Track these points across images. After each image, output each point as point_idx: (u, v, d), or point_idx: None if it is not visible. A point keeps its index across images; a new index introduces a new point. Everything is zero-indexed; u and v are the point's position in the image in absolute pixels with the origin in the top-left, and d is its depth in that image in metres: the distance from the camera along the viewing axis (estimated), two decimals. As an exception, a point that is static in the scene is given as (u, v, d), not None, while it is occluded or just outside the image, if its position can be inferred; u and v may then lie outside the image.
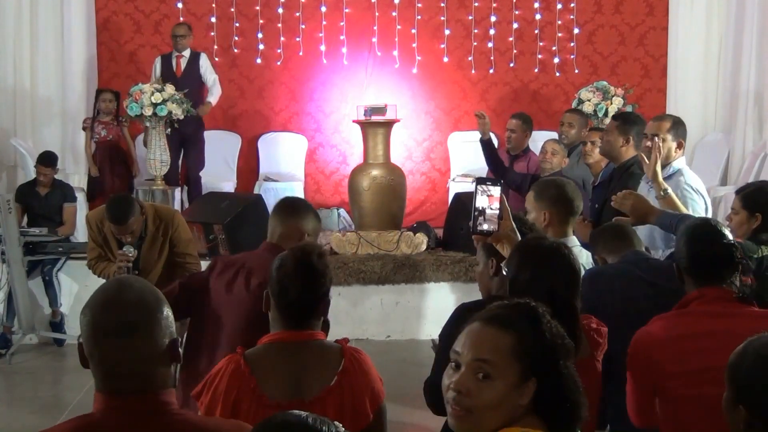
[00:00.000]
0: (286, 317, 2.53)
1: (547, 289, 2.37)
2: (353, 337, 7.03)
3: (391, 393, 2.77)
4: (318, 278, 2.53)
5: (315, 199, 9.45)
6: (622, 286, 3.19)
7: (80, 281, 7.14)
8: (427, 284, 7.10)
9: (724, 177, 9.02)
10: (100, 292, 1.85)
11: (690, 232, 2.78)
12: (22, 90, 8.89)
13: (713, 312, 2.63)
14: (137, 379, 1.79)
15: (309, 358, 2.49)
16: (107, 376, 1.80)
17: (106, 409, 1.79)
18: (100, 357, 1.80)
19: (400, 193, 7.71)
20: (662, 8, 9.57)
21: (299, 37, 9.45)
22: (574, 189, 3.53)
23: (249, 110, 9.58)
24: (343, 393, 2.44)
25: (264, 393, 2.37)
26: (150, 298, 1.82)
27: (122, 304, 1.79)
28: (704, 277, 2.68)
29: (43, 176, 7.43)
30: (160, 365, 1.81)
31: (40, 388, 6.16)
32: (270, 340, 2.54)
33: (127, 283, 1.86)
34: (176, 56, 8.51)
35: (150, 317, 1.80)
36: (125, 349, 1.77)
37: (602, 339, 2.55)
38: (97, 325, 1.79)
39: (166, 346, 1.81)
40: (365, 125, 7.72)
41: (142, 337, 1.78)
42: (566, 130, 6.72)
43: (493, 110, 9.40)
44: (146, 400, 1.79)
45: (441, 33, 9.54)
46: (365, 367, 2.52)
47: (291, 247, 2.64)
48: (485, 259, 2.80)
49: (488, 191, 2.69)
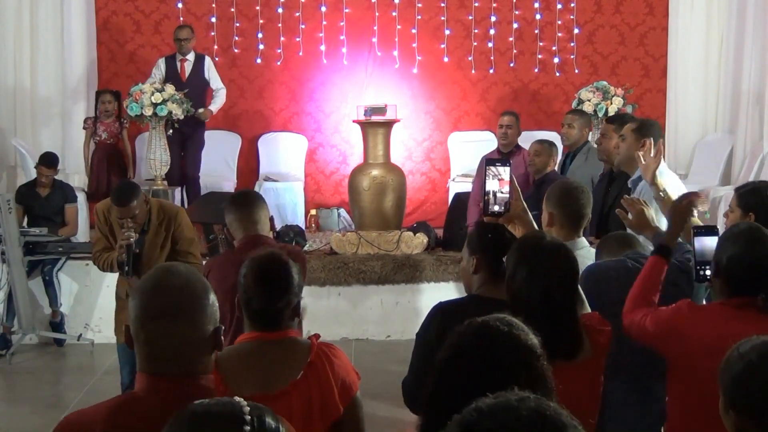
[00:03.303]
0: (252, 322, 2.55)
1: (543, 288, 2.36)
2: (353, 337, 7.06)
3: (391, 393, 2.77)
4: (280, 288, 2.52)
5: (315, 199, 9.46)
6: (618, 276, 3.16)
7: (80, 281, 7.16)
8: (427, 284, 7.10)
9: (724, 177, 9.01)
10: (150, 276, 1.91)
11: (736, 236, 2.67)
12: (22, 90, 8.89)
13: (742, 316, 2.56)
14: (180, 362, 1.83)
15: (278, 354, 2.50)
16: (151, 358, 1.85)
17: (148, 389, 1.84)
18: (146, 339, 1.84)
19: (400, 193, 7.72)
20: (662, 8, 9.56)
21: (299, 37, 9.45)
22: (582, 194, 3.49)
23: (249, 110, 9.58)
24: (310, 386, 2.44)
25: (229, 389, 2.37)
26: (197, 285, 1.88)
27: (170, 288, 1.85)
28: (737, 286, 2.60)
29: (44, 177, 7.42)
30: (202, 351, 1.86)
31: (40, 388, 6.15)
32: (241, 340, 2.57)
33: (175, 269, 1.91)
34: (180, 60, 8.47)
35: (196, 302, 1.85)
36: (170, 332, 1.82)
37: (604, 339, 2.52)
38: (145, 308, 1.85)
39: (210, 333, 1.86)
40: (365, 125, 7.73)
41: (187, 321, 1.83)
42: (567, 131, 6.70)
43: (493, 110, 9.40)
44: (188, 384, 1.83)
45: (441, 33, 9.54)
46: (335, 360, 2.51)
47: (253, 256, 2.62)
48: (468, 255, 2.78)
49: (498, 174, 2.72)
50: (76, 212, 7.67)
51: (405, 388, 2.74)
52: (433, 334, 2.62)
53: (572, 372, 2.39)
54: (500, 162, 2.74)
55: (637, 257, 3.25)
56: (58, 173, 7.65)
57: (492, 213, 2.69)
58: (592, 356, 2.46)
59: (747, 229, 2.71)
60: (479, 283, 2.74)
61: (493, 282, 2.71)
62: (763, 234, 2.64)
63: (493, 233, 2.75)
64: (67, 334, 7.03)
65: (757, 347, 1.86)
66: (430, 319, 2.72)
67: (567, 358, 2.37)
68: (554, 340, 2.37)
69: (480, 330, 1.78)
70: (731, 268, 2.59)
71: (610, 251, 3.44)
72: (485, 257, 2.72)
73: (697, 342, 2.56)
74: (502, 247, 2.68)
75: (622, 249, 3.39)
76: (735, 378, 1.84)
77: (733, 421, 1.84)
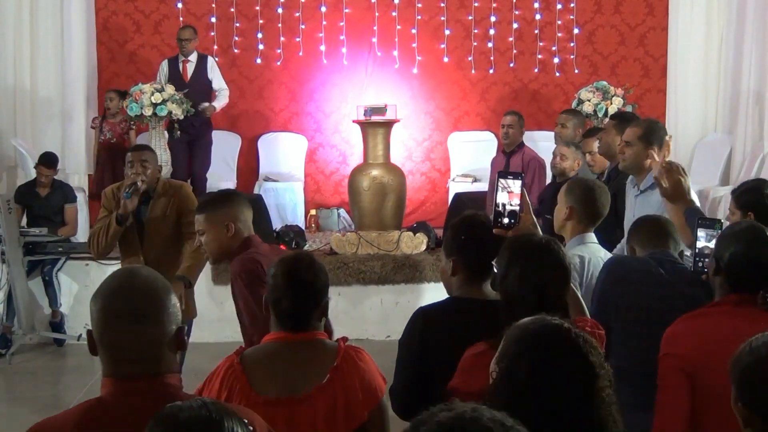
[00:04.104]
0: (282, 322, 2.56)
1: (536, 286, 2.36)
2: (353, 337, 7.02)
3: (390, 393, 2.76)
4: (309, 290, 2.55)
5: (315, 199, 9.46)
6: (638, 279, 3.14)
7: (80, 281, 7.16)
8: (427, 284, 7.10)
9: (724, 177, 9.01)
10: (111, 279, 1.91)
11: (737, 234, 2.66)
12: (22, 90, 8.89)
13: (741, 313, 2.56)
14: (145, 363, 1.85)
15: (304, 356, 2.50)
16: (116, 361, 1.86)
17: (115, 392, 1.85)
18: (110, 342, 1.85)
19: (400, 193, 7.72)
20: (662, 8, 9.57)
21: (299, 37, 9.45)
22: (604, 194, 3.60)
23: (249, 110, 9.58)
24: (335, 391, 2.44)
25: (254, 390, 2.38)
26: (159, 285, 1.90)
27: (133, 290, 1.86)
28: (738, 283, 2.59)
29: (44, 177, 7.43)
30: (167, 351, 1.87)
31: (40, 388, 6.15)
32: (268, 340, 2.57)
33: (136, 272, 1.93)
34: (182, 61, 8.46)
35: (159, 304, 1.87)
36: (135, 334, 1.83)
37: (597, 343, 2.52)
38: (108, 311, 1.85)
39: (173, 333, 1.88)
40: (365, 125, 7.73)
41: (152, 322, 1.85)
42: (560, 131, 6.71)
43: (493, 110, 9.41)
44: (153, 383, 1.84)
45: (441, 33, 9.54)
46: (361, 365, 2.52)
47: (282, 257, 2.64)
48: (445, 258, 2.77)
49: (509, 187, 2.72)
50: (75, 212, 7.67)
51: (393, 395, 2.70)
52: (416, 339, 2.62)
53: None
54: (512, 175, 2.75)
55: (662, 259, 3.20)
56: (57, 173, 7.65)
57: (501, 225, 2.69)
58: None
59: (748, 227, 2.71)
60: (458, 285, 2.72)
61: (472, 283, 2.70)
62: (764, 232, 2.65)
63: (467, 234, 2.74)
64: (67, 334, 7.03)
65: (767, 342, 1.90)
66: (411, 324, 2.70)
67: None
68: None
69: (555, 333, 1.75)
70: (732, 266, 2.59)
71: (641, 237, 3.36)
72: (462, 259, 2.70)
73: (703, 350, 2.55)
74: (477, 247, 2.67)
75: (653, 238, 3.31)
76: (744, 372, 1.89)
77: (742, 413, 1.89)
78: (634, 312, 3.06)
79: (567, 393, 1.64)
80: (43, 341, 7.04)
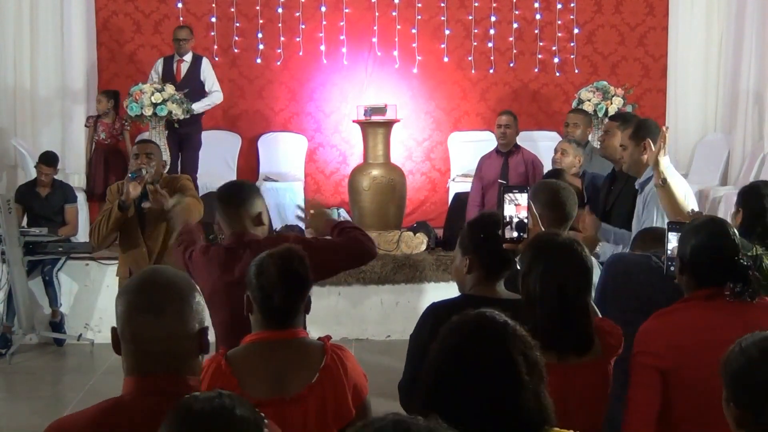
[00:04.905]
0: (269, 320, 2.55)
1: (558, 285, 2.37)
2: (353, 337, 7.06)
3: (391, 393, 2.77)
4: (301, 283, 2.56)
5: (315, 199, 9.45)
6: (638, 271, 3.17)
7: (80, 281, 7.16)
8: (427, 284, 7.10)
9: (724, 177, 9.02)
10: (135, 276, 1.97)
11: (696, 228, 2.69)
12: (22, 90, 8.88)
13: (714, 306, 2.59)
14: (167, 359, 1.84)
15: (290, 356, 2.50)
16: (138, 355, 1.86)
17: (134, 392, 1.84)
18: (132, 335, 1.86)
19: (400, 193, 7.72)
20: (662, 8, 9.57)
21: (299, 37, 9.45)
22: (567, 194, 3.41)
23: (249, 110, 9.58)
24: (325, 390, 2.45)
25: (245, 392, 2.38)
26: (182, 283, 1.92)
27: (155, 285, 1.90)
28: (703, 277, 2.62)
29: (44, 176, 7.43)
30: (189, 350, 1.87)
31: (40, 388, 6.15)
32: (251, 340, 2.56)
33: (160, 269, 1.98)
34: (177, 60, 8.45)
35: (181, 298, 1.88)
36: (155, 326, 1.84)
37: (614, 341, 2.51)
38: (130, 304, 1.87)
39: (196, 332, 1.88)
40: (365, 125, 7.73)
41: (174, 315, 1.86)
42: (572, 131, 6.65)
43: (493, 110, 9.40)
44: (175, 382, 1.84)
45: (441, 33, 9.54)
46: (347, 363, 2.53)
47: (269, 251, 2.61)
48: (460, 256, 2.78)
49: (515, 200, 2.72)
50: (76, 212, 7.67)
51: (402, 390, 2.72)
52: (427, 335, 2.61)
53: (581, 372, 2.40)
54: (517, 189, 2.76)
55: (660, 255, 3.22)
56: (57, 172, 7.65)
57: (510, 240, 2.69)
58: (602, 357, 2.47)
59: (708, 220, 2.76)
60: (472, 283, 2.73)
61: (486, 281, 2.71)
62: (723, 224, 2.70)
63: (485, 233, 2.74)
64: (67, 334, 7.03)
65: (758, 343, 1.90)
66: (423, 320, 2.72)
67: (578, 353, 2.40)
68: (567, 334, 2.38)
69: (478, 321, 1.79)
70: (695, 258, 2.62)
71: (645, 244, 3.40)
72: (478, 257, 2.71)
73: (677, 346, 2.57)
74: (494, 246, 2.68)
75: (653, 245, 3.33)
76: (736, 372, 1.89)
77: (734, 413, 1.90)
78: (634, 301, 3.09)
79: (482, 379, 1.69)
80: (43, 341, 7.04)
